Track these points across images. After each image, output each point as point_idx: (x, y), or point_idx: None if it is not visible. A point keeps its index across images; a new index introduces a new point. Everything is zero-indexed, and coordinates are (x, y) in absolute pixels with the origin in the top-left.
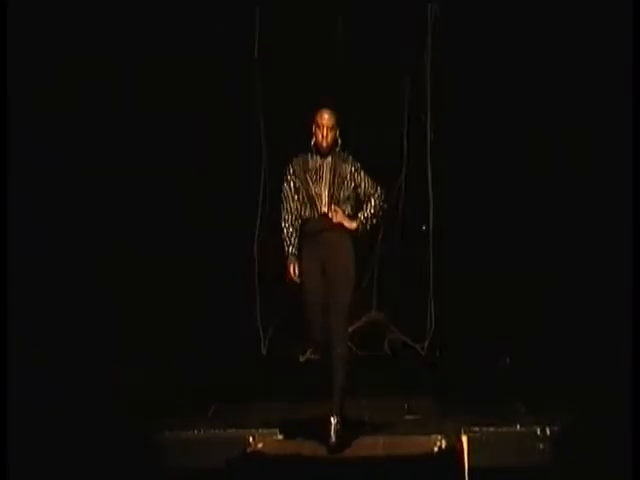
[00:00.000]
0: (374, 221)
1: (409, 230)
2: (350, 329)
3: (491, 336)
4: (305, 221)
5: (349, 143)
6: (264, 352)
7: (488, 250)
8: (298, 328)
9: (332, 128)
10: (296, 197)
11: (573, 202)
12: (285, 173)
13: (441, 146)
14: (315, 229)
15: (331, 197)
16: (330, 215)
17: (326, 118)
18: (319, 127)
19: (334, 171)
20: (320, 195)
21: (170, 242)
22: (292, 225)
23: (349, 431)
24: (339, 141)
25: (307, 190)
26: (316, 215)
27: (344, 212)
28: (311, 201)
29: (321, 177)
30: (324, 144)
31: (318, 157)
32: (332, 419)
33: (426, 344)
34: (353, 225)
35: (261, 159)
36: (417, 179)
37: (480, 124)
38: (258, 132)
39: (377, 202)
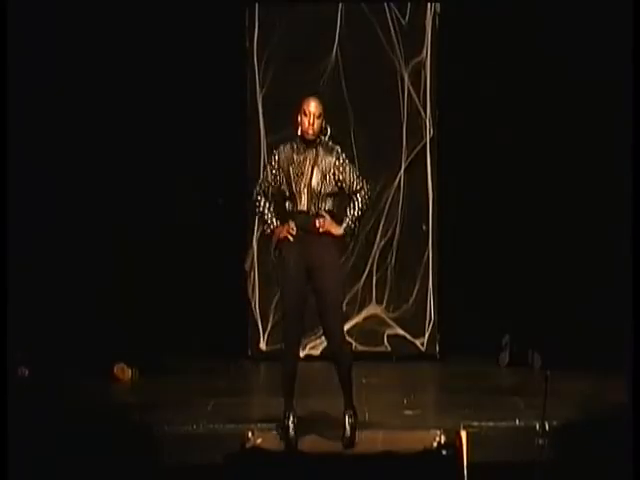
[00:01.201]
0: (360, 222)
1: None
2: (348, 325)
3: (490, 331)
4: (287, 216)
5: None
6: (263, 347)
7: (487, 247)
8: None
9: (319, 117)
10: (274, 184)
11: (573, 202)
12: (270, 161)
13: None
14: (298, 227)
15: (311, 195)
16: (318, 224)
17: (313, 106)
18: (305, 115)
19: (316, 166)
20: (300, 192)
21: (170, 240)
22: (267, 200)
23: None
24: (328, 130)
25: (289, 185)
26: (296, 211)
27: (328, 213)
28: (292, 197)
29: (302, 173)
30: (310, 131)
31: (302, 148)
32: (346, 414)
33: (425, 339)
34: (340, 231)
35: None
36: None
37: (479, 124)
38: (258, 131)
39: (362, 200)
